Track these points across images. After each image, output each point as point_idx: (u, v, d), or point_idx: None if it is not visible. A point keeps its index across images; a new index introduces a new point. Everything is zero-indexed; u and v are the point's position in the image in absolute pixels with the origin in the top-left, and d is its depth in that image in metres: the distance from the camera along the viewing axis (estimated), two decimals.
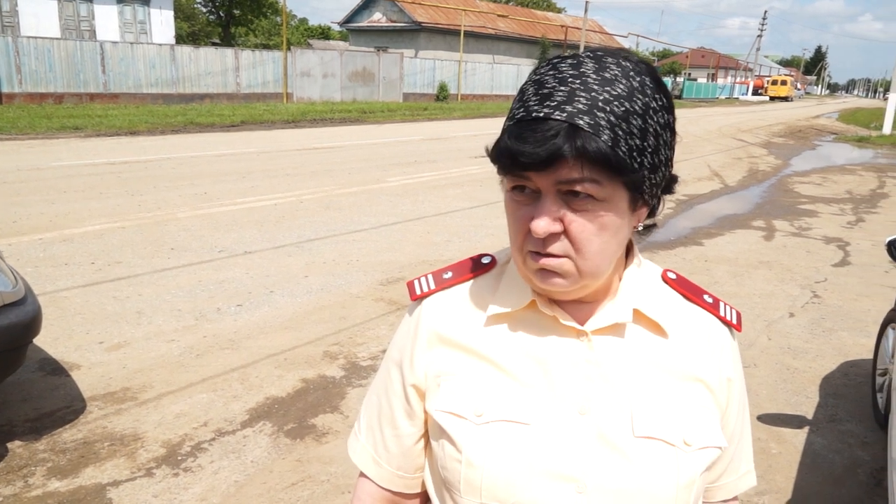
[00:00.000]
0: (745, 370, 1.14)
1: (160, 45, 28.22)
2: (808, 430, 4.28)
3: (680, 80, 72.63)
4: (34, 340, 3.89)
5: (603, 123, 0.83)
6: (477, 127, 26.01)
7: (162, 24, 33.08)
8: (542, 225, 0.87)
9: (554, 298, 1.00)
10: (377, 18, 48.86)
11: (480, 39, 50.44)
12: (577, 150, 0.82)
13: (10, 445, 3.72)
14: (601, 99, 0.84)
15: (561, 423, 0.96)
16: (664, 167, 0.93)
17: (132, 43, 27.24)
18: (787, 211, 11.67)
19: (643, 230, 1.01)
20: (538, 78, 0.89)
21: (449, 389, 1.02)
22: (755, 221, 10.67)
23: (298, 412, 4.24)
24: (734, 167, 17.21)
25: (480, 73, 45.09)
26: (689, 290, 1.08)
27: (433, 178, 13.16)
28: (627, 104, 0.85)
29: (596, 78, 0.85)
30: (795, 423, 4.36)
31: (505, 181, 0.93)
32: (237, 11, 53.43)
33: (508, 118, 0.90)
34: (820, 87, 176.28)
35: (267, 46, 51.97)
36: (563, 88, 0.85)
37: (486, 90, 45.68)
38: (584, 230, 0.88)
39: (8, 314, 3.49)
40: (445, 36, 47.68)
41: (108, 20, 30.68)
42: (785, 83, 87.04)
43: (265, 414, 4.19)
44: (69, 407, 4.15)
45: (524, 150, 0.84)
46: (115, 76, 26.01)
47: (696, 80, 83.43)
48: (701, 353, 1.03)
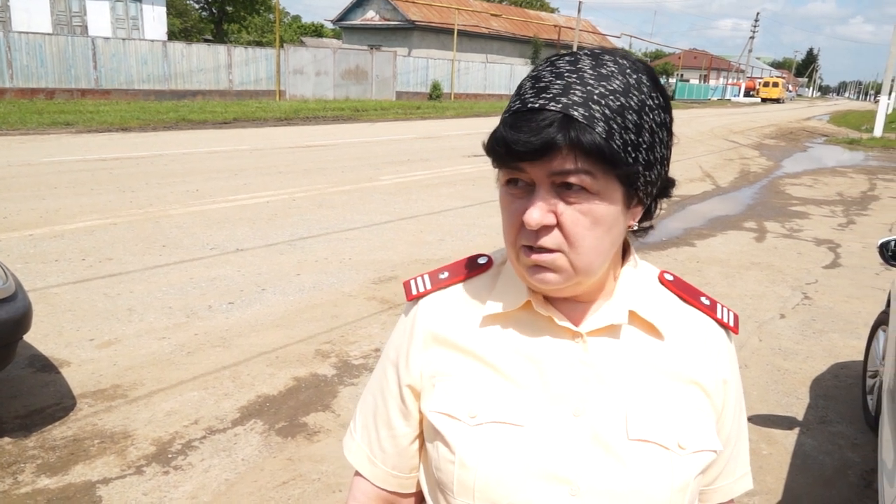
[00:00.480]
0: None
1: (152, 41, 28.16)
2: (798, 431, 4.29)
3: (672, 81, 72.88)
4: (24, 337, 3.87)
5: (598, 116, 0.83)
6: (470, 126, 26.02)
7: (154, 20, 33.02)
8: (535, 216, 0.87)
9: (549, 298, 1.00)
10: (370, 16, 48.82)
11: (474, 38, 50.48)
12: (570, 140, 0.83)
13: None
14: (597, 92, 0.84)
15: (555, 424, 0.95)
16: (660, 165, 0.93)
17: (124, 39, 27.17)
18: (778, 212, 11.71)
19: (639, 232, 1.00)
20: (536, 73, 0.89)
21: (443, 390, 1.01)
22: (747, 223, 10.70)
23: (290, 410, 4.23)
24: (726, 168, 17.25)
25: (474, 72, 45.10)
26: (686, 291, 1.07)
27: (426, 176, 13.16)
28: (623, 99, 0.86)
29: (592, 73, 0.86)
30: (786, 424, 4.37)
31: (500, 174, 0.93)
32: (230, 8, 53.42)
33: (505, 111, 0.91)
34: (811, 89, 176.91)
35: (260, 44, 51.82)
36: (559, 82, 0.85)
37: (479, 89, 45.70)
38: (577, 223, 0.88)
39: None
40: (439, 35, 47.68)
41: (100, 16, 30.63)
42: (776, 85, 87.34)
43: (256, 412, 4.18)
44: (59, 404, 4.13)
45: (518, 138, 0.84)
46: (106, 72, 25.92)
47: (688, 81, 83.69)
48: (697, 355, 1.02)
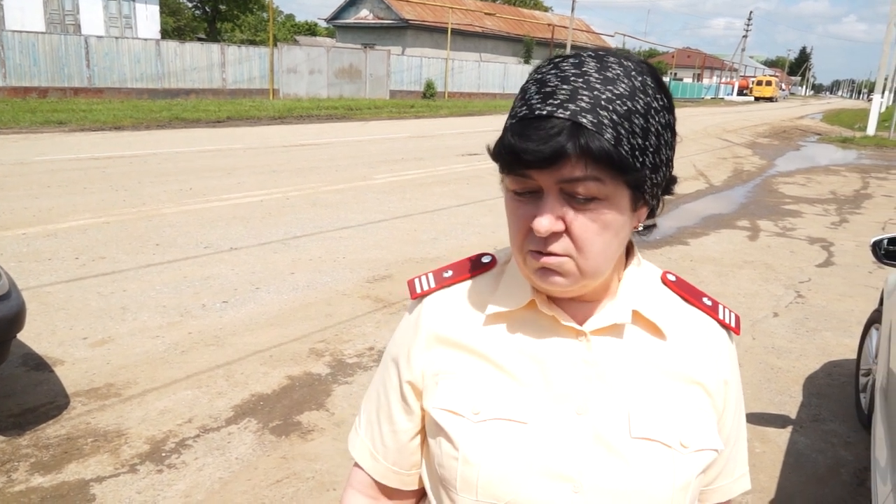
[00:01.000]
0: None
1: (145, 39, 28.08)
2: (791, 429, 4.30)
3: (666, 80, 72.81)
4: (17, 336, 3.86)
5: (606, 122, 0.83)
6: (464, 125, 26.03)
7: (147, 18, 32.93)
8: (544, 223, 0.87)
9: (553, 297, 1.00)
10: (364, 15, 48.78)
11: (467, 37, 50.47)
12: (580, 148, 0.82)
13: None
14: (604, 98, 0.84)
15: (558, 422, 0.96)
16: (665, 167, 0.93)
17: (117, 37, 27.07)
18: (771, 211, 11.74)
19: (643, 231, 1.01)
20: (540, 77, 0.89)
21: (447, 387, 1.02)
22: (740, 221, 10.73)
23: (284, 409, 4.22)
24: (719, 167, 17.29)
25: (467, 70, 45.10)
26: (688, 292, 1.08)
27: (420, 175, 13.15)
28: (630, 103, 0.85)
29: (598, 77, 0.85)
30: (779, 422, 4.39)
31: (506, 181, 0.92)
32: (223, 7, 53.27)
33: (510, 116, 0.90)
34: (804, 87, 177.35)
35: (253, 42, 51.74)
36: (565, 87, 0.85)
37: (472, 88, 45.69)
38: (586, 229, 0.88)
39: None
40: (432, 33, 47.67)
41: (93, 14, 30.52)
42: (770, 84, 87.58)
43: (250, 411, 4.18)
44: (52, 403, 4.12)
45: (527, 147, 0.84)
46: (99, 71, 25.84)
47: (681, 80, 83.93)
48: (699, 355, 1.03)
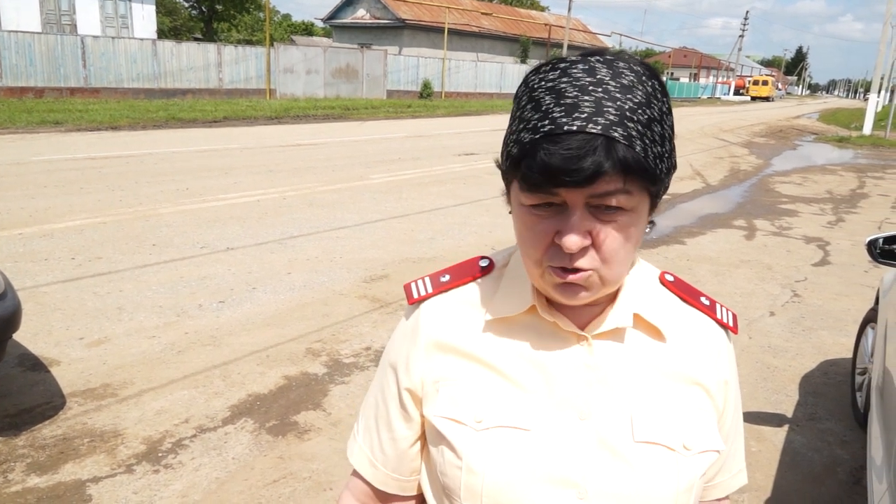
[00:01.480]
0: None
1: (142, 39, 28.03)
2: (787, 428, 4.31)
3: (663, 79, 72.97)
4: (14, 336, 3.85)
5: (634, 134, 0.81)
6: (461, 125, 26.03)
7: (143, 18, 32.90)
8: (574, 241, 0.84)
9: (553, 301, 0.99)
10: (361, 15, 48.77)
11: (464, 37, 50.48)
12: (617, 163, 0.81)
13: None
14: (627, 108, 0.82)
15: (561, 428, 0.95)
16: (672, 169, 0.93)
17: (113, 37, 27.01)
18: (767, 210, 11.76)
19: (647, 231, 1.00)
20: (552, 85, 0.85)
21: (448, 395, 1.01)
22: (736, 221, 10.74)
23: (280, 409, 4.22)
24: (716, 167, 17.31)
25: (464, 70, 45.08)
26: (686, 292, 1.08)
27: (417, 175, 13.14)
28: (648, 111, 0.84)
29: (615, 85, 0.83)
30: (775, 421, 4.39)
31: (521, 197, 0.89)
32: (219, 7, 53.22)
33: (527, 129, 0.85)
34: (801, 87, 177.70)
35: (250, 42, 51.67)
36: (587, 98, 0.82)
37: (469, 88, 45.68)
38: (614, 241, 0.87)
39: None
40: (429, 33, 47.66)
41: (89, 14, 30.49)
42: (766, 83, 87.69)
43: (247, 411, 4.18)
44: (49, 403, 4.12)
45: (565, 167, 0.80)
46: (96, 71, 25.80)
47: (678, 79, 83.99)
48: (699, 356, 1.03)
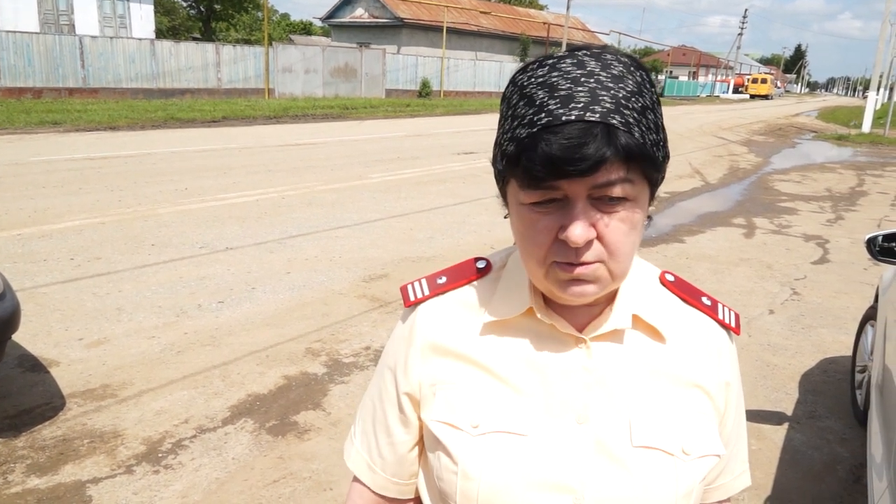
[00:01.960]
0: None
1: (140, 39, 28.00)
2: (787, 426, 4.31)
3: (662, 78, 73.08)
4: (13, 337, 3.85)
5: (631, 121, 0.81)
6: (460, 123, 26.03)
7: (142, 18, 32.89)
8: (579, 233, 0.83)
9: (551, 303, 0.98)
10: (359, 14, 48.73)
11: (463, 36, 50.44)
12: (619, 149, 0.80)
13: None
14: (621, 96, 0.81)
15: (559, 433, 0.94)
16: (667, 159, 0.92)
17: (112, 37, 26.98)
18: (767, 208, 11.76)
19: (646, 225, 0.99)
20: (543, 80, 0.84)
21: (445, 399, 1.00)
22: (736, 219, 10.75)
23: (280, 409, 4.22)
24: (715, 165, 17.31)
25: (463, 69, 45.07)
26: (687, 292, 1.06)
27: (416, 174, 13.15)
28: (641, 100, 0.83)
29: (607, 76, 0.83)
30: (775, 419, 4.40)
31: (520, 195, 0.87)
32: (218, 6, 53.19)
33: (522, 125, 0.84)
34: (800, 85, 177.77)
35: (248, 42, 51.57)
36: (580, 89, 0.81)
37: (468, 87, 45.65)
38: (618, 232, 0.86)
39: None
40: (428, 32, 47.62)
41: (87, 14, 30.47)
42: (765, 81, 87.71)
43: (247, 411, 4.18)
44: (48, 404, 4.11)
45: (567, 156, 0.79)
46: (94, 71, 25.77)
47: (677, 77, 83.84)
48: (699, 358, 1.02)
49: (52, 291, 5.94)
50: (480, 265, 1.07)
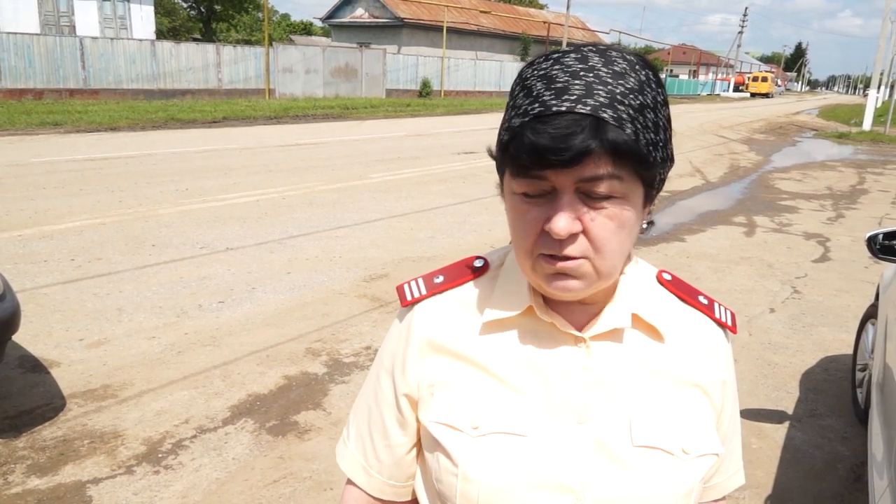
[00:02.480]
0: None
1: (140, 40, 28.00)
2: (788, 425, 4.31)
3: (662, 76, 72.85)
4: (13, 337, 3.85)
5: (625, 117, 0.80)
6: (460, 123, 26.03)
7: (142, 19, 32.90)
8: (563, 225, 0.83)
9: (550, 302, 0.98)
10: (359, 14, 48.73)
11: (463, 35, 50.43)
12: (605, 143, 0.80)
13: None
14: (618, 92, 0.81)
15: (559, 433, 0.94)
16: (669, 162, 0.91)
17: (112, 38, 26.99)
18: (767, 207, 11.75)
19: (644, 228, 0.98)
20: (544, 73, 0.85)
21: (443, 400, 0.99)
22: (736, 217, 10.74)
23: (280, 409, 4.22)
24: (715, 163, 17.31)
25: (463, 69, 45.06)
26: (684, 291, 1.06)
27: (416, 174, 13.15)
28: (641, 98, 0.83)
29: (607, 71, 0.83)
30: (775, 418, 4.39)
31: (513, 184, 0.88)
32: (218, 7, 53.17)
33: (517, 114, 0.85)
34: (800, 83, 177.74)
35: (248, 42, 51.56)
36: (577, 82, 0.82)
37: (469, 86, 45.64)
38: (604, 228, 0.85)
39: None
40: (428, 32, 47.62)
41: (87, 15, 30.50)
42: (766, 80, 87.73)
43: (247, 411, 4.18)
44: (49, 404, 4.11)
45: (552, 146, 0.80)
46: (95, 72, 25.77)
47: (677, 76, 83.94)
48: (697, 356, 1.02)
49: (52, 292, 5.94)
50: (478, 264, 1.06)
